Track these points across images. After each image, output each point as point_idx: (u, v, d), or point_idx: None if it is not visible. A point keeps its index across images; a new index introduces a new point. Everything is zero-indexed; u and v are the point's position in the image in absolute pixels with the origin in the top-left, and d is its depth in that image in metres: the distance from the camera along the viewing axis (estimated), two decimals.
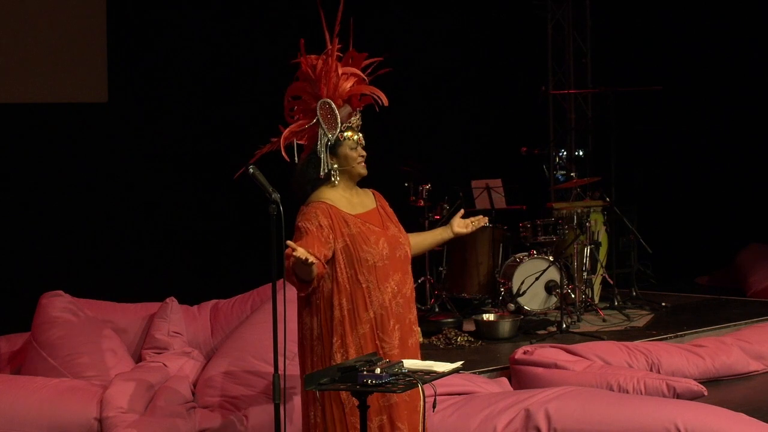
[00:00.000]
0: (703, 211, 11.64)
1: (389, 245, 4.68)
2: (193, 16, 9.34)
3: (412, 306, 4.79)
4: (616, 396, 6.37)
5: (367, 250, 4.61)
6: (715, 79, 11.63)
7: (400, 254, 4.72)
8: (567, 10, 11.67)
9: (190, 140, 9.34)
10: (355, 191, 4.81)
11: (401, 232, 4.83)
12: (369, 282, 4.60)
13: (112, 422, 5.77)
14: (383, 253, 4.64)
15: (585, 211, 9.53)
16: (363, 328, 4.60)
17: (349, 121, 4.78)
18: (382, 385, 3.93)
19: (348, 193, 4.76)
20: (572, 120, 11.71)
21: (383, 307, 4.62)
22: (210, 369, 6.49)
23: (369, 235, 4.65)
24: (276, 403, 4.37)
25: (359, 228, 4.64)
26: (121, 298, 7.22)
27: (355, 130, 4.79)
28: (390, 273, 4.65)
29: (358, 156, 4.76)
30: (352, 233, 4.61)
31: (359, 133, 4.80)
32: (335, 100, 4.76)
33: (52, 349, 6.47)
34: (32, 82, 8.50)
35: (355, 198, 4.78)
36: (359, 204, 4.77)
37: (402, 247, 4.75)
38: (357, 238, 4.61)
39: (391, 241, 4.70)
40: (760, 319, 8.88)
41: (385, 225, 4.76)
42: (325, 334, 4.58)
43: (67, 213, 8.67)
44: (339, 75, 4.77)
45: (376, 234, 4.67)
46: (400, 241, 4.76)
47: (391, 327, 4.63)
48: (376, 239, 4.65)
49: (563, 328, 8.53)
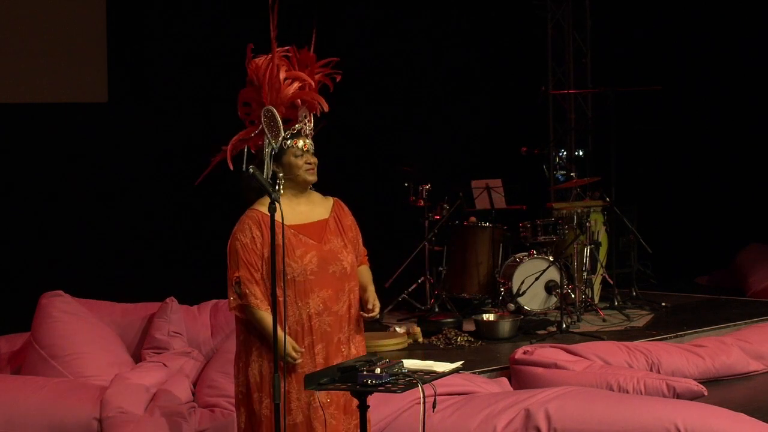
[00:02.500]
0: (703, 211, 11.63)
1: (319, 259, 4.58)
2: (193, 16, 9.34)
3: (347, 325, 4.65)
4: (616, 396, 6.37)
5: (288, 263, 4.53)
6: (715, 79, 11.63)
7: (334, 270, 4.61)
8: (567, 10, 11.67)
9: (190, 140, 9.33)
10: (305, 199, 4.72)
11: (348, 248, 4.69)
12: (287, 296, 4.53)
13: (112, 422, 5.77)
14: (307, 268, 4.55)
15: (585, 211, 9.52)
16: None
17: (293, 127, 4.69)
18: (382, 385, 3.93)
19: (293, 201, 4.68)
20: (572, 120, 11.71)
21: (299, 323, 4.55)
22: (210, 369, 6.50)
23: (297, 247, 4.56)
24: (276, 403, 4.37)
25: (288, 239, 4.55)
26: (121, 298, 7.22)
27: (302, 136, 4.68)
28: (314, 289, 4.57)
29: (304, 163, 4.65)
30: (279, 243, 4.48)
31: (307, 140, 4.69)
32: (278, 106, 4.69)
33: (52, 349, 6.47)
34: (32, 82, 8.50)
35: (301, 206, 4.69)
36: (302, 213, 4.68)
37: (339, 263, 4.62)
38: (279, 250, 4.48)
39: (324, 255, 4.60)
40: (760, 319, 8.88)
41: (325, 238, 4.64)
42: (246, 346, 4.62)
43: (67, 213, 8.67)
44: (281, 81, 4.70)
45: (305, 247, 4.58)
46: (338, 257, 4.63)
47: (305, 344, 4.55)
48: (303, 252, 4.56)
49: (563, 328, 8.52)
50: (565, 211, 9.54)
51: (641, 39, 11.68)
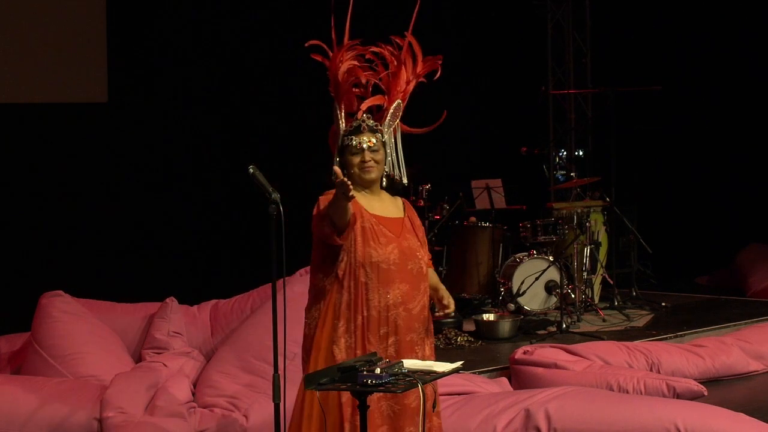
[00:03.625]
0: (703, 211, 11.64)
1: (400, 252, 4.53)
2: (193, 15, 9.34)
3: (419, 325, 4.57)
4: (616, 396, 6.37)
5: (374, 247, 4.49)
6: (715, 79, 11.63)
7: (412, 267, 4.57)
8: (567, 10, 11.67)
9: (190, 140, 9.34)
10: (376, 197, 4.65)
11: (423, 249, 4.64)
12: (369, 279, 4.50)
13: (112, 422, 5.77)
14: (390, 257, 4.50)
15: (585, 211, 9.53)
16: (359, 318, 4.50)
17: (351, 124, 4.61)
18: (382, 385, 3.93)
19: (367, 197, 4.61)
20: (572, 120, 11.71)
21: (377, 309, 4.50)
22: (210, 369, 6.49)
23: (381, 234, 4.52)
24: (276, 403, 4.37)
25: (372, 225, 4.52)
26: (121, 298, 7.22)
27: (362, 133, 4.58)
28: (395, 280, 4.52)
29: (359, 161, 4.57)
30: (364, 226, 4.49)
31: (364, 136, 4.57)
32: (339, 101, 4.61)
33: (52, 349, 6.47)
34: (32, 82, 8.50)
35: (376, 202, 4.62)
36: (380, 208, 4.61)
37: (417, 261, 4.58)
38: (367, 233, 4.49)
39: (404, 250, 4.55)
40: (760, 319, 8.88)
41: (404, 235, 4.59)
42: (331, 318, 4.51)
43: (67, 213, 8.67)
44: (341, 74, 4.61)
45: (387, 237, 4.54)
46: (416, 255, 4.59)
47: (381, 334, 4.51)
48: (387, 241, 4.52)
49: (563, 328, 8.52)
50: (565, 211, 9.54)
51: (641, 39, 11.68)
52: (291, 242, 4.56)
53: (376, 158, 4.61)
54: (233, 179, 8.87)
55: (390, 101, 4.75)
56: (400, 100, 4.78)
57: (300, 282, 6.62)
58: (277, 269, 4.45)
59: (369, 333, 4.51)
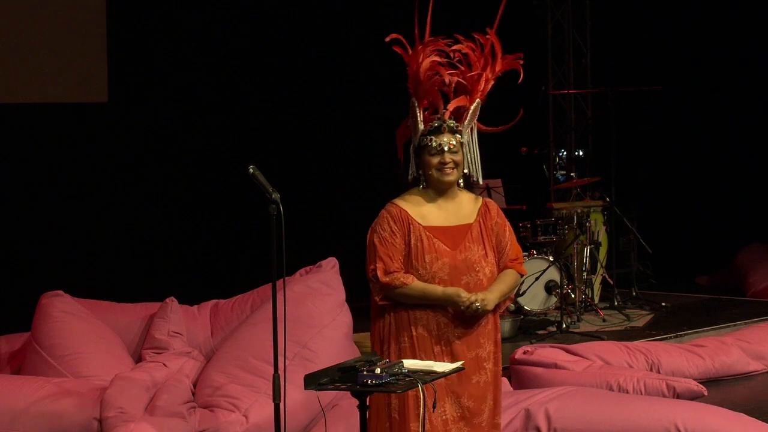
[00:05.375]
0: (703, 211, 11.64)
1: (450, 267, 4.39)
2: (193, 15, 9.34)
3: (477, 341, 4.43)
4: (616, 396, 6.37)
5: (416, 267, 4.38)
6: (715, 79, 11.63)
7: (468, 280, 4.41)
8: (567, 10, 11.67)
9: (190, 140, 9.34)
10: (451, 199, 4.51)
11: (490, 257, 4.48)
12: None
13: (112, 422, 5.77)
14: (437, 275, 4.37)
15: (585, 211, 9.53)
16: (404, 341, 4.41)
17: (431, 123, 4.49)
18: (382, 385, 3.92)
19: (437, 201, 4.49)
20: (572, 120, 11.71)
21: (427, 329, 4.40)
22: (210, 369, 6.49)
23: (429, 251, 4.39)
24: (276, 403, 4.37)
25: (420, 241, 4.39)
26: (121, 298, 7.21)
27: (442, 133, 4.46)
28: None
29: (437, 163, 4.44)
30: (412, 243, 4.38)
31: (445, 137, 4.45)
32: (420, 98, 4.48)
33: (52, 349, 6.46)
34: (32, 82, 8.50)
35: (445, 208, 4.49)
36: (445, 215, 4.48)
37: (474, 273, 4.42)
38: (412, 251, 4.38)
39: (457, 264, 4.41)
40: (760, 319, 8.88)
41: (464, 245, 4.43)
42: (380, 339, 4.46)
43: (67, 213, 8.67)
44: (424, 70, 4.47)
45: (438, 252, 4.40)
46: (475, 267, 4.42)
47: (435, 352, 4.39)
48: (435, 257, 4.39)
49: (563, 328, 8.53)
50: (565, 211, 9.54)
51: (641, 39, 11.68)
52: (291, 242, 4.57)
53: (456, 159, 4.49)
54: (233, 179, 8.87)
55: (471, 101, 4.67)
56: (479, 99, 4.70)
57: (300, 282, 6.63)
58: (277, 269, 4.45)
59: (421, 352, 4.39)
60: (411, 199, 4.48)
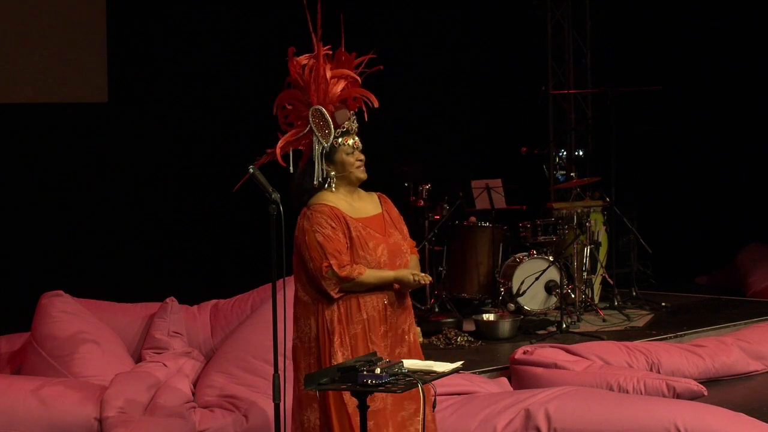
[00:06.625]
0: (703, 211, 11.63)
1: (389, 252, 4.64)
2: (193, 15, 9.34)
3: (406, 315, 4.73)
4: (616, 396, 6.37)
5: (363, 256, 4.56)
6: (715, 79, 11.63)
7: (400, 262, 4.68)
8: (567, 10, 11.67)
9: (190, 140, 9.34)
10: (357, 196, 4.76)
11: (405, 239, 4.77)
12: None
13: (112, 422, 5.77)
14: (381, 260, 4.60)
15: (585, 211, 9.53)
16: (355, 328, 4.56)
17: (343, 126, 4.69)
18: (382, 385, 3.93)
19: (349, 197, 4.71)
20: (572, 120, 11.71)
21: (377, 310, 4.59)
22: (210, 369, 6.50)
23: (368, 240, 4.61)
24: (276, 403, 4.37)
25: (359, 232, 4.59)
26: (121, 298, 7.22)
27: (350, 134, 4.71)
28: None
29: (355, 161, 4.70)
30: (352, 236, 4.57)
31: (355, 137, 4.73)
32: (326, 105, 4.69)
33: (52, 349, 6.47)
34: (32, 82, 8.50)
35: (356, 203, 4.72)
36: (361, 209, 4.71)
37: (403, 256, 4.70)
38: (355, 242, 4.56)
39: (391, 248, 4.66)
40: (760, 319, 8.88)
41: (388, 231, 4.71)
42: (322, 334, 4.55)
43: (68, 213, 8.67)
44: (328, 80, 4.70)
45: (375, 240, 4.63)
46: (402, 249, 4.71)
47: (382, 332, 4.60)
48: (376, 245, 4.61)
49: (563, 328, 8.53)
50: (565, 211, 9.55)
51: (641, 39, 11.68)
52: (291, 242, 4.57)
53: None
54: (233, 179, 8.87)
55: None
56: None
57: None
58: (277, 269, 4.46)
59: (371, 333, 4.56)
60: (332, 199, 4.63)
